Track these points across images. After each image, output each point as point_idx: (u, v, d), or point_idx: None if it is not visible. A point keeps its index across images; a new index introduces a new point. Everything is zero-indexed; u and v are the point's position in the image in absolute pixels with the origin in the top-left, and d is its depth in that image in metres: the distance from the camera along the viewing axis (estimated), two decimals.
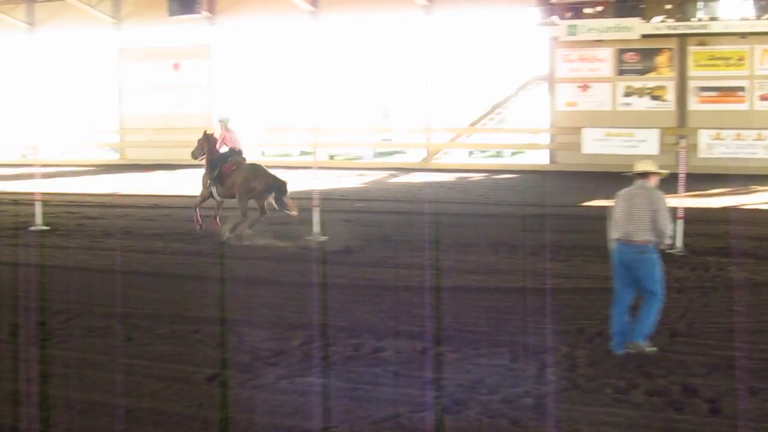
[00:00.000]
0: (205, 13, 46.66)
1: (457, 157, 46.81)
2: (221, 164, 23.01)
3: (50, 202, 28.16)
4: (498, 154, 48.34)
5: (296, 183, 35.53)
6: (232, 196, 22.61)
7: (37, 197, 24.96)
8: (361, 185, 36.27)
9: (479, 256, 19.32)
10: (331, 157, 48.21)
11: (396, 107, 52.64)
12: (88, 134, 52.69)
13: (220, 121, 24.17)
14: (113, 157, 51.78)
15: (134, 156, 49.66)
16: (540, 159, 43.87)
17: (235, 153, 23.27)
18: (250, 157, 24.68)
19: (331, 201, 27.92)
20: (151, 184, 36.81)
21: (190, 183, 36.90)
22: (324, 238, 21.40)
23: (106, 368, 11.60)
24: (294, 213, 21.91)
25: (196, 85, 48.29)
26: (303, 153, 49.93)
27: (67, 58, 52.69)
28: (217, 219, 22.88)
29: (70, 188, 35.27)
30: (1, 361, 12.09)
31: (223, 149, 23.40)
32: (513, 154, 48.41)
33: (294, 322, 13.74)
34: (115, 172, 44.19)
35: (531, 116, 46.59)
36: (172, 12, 45.47)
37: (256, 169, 22.46)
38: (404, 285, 16.36)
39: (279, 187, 22.00)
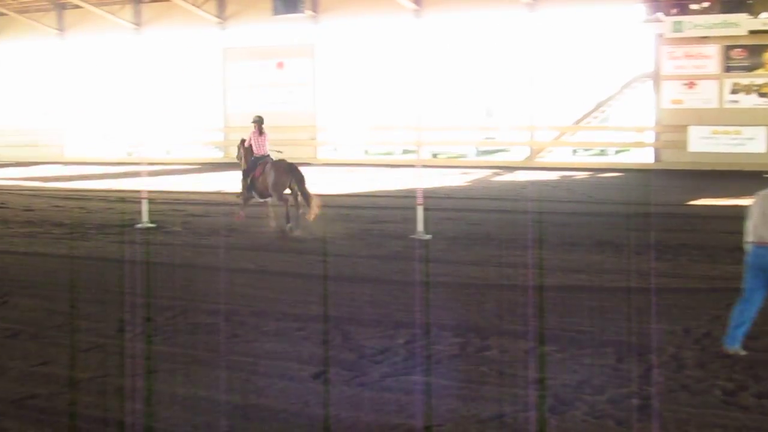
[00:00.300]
0: (308, 12, 46.89)
1: (560, 156, 46.47)
2: (252, 172, 24.27)
3: (156, 199, 28.55)
4: (602, 153, 47.88)
5: (399, 181, 35.71)
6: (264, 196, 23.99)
7: (143, 195, 25.32)
8: (465, 183, 36.20)
9: (583, 255, 19.15)
10: (435, 156, 48.17)
11: (499, 105, 52.40)
12: (193, 133, 53.34)
13: (254, 122, 24.85)
14: (217, 156, 52.30)
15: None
16: (645, 157, 43.39)
17: (261, 158, 24.36)
18: (354, 155, 24.79)
19: (435, 199, 27.90)
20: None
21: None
22: (428, 237, 21.39)
23: (212, 364, 11.70)
24: (312, 214, 22.68)
25: (299, 83, 48.57)
26: (406, 151, 49.98)
27: (173, 58, 53.32)
28: (241, 212, 24.66)
29: (176, 186, 35.70)
30: (109, 356, 12.25)
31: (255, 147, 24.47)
32: (617, 152, 47.93)
33: (398, 319, 13.73)
34: (219, 170, 44.63)
35: (635, 114, 46.09)
36: (276, 11, 45.77)
37: (278, 166, 23.64)
38: (508, 284, 16.26)
39: (299, 178, 23.16)
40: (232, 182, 37.45)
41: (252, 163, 24.46)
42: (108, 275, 17.94)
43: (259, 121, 24.70)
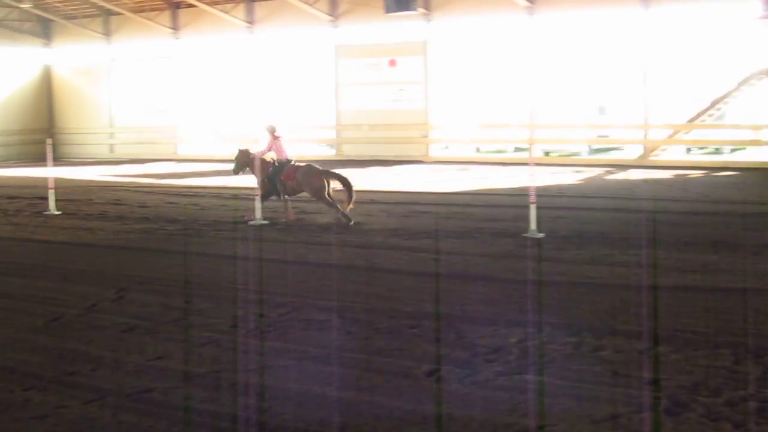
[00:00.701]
0: (420, 10, 46.87)
1: (674, 154, 45.84)
2: (278, 176, 25.66)
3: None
4: (717, 151, 47.12)
5: (511, 179, 35.57)
6: (297, 193, 25.88)
7: (256, 192, 25.55)
8: (577, 182, 35.91)
9: (698, 254, 18.86)
10: (547, 154, 47.88)
11: (612, 103, 51.87)
12: (305, 130, 53.69)
13: (267, 129, 26.03)
14: (329, 153, 52.58)
15: (350, 152, 50.33)
16: (761, 156, 42.61)
17: (285, 163, 25.91)
18: (466, 153, 24.76)
19: (548, 198, 27.73)
20: (367, 180, 37.18)
21: (406, 179, 37.23)
22: (540, 235, 21.26)
23: (325, 361, 11.75)
24: (351, 204, 24.64)
25: (411, 81, 48.58)
26: (518, 149, 49.74)
27: (285, 56, 53.67)
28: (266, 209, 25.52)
29: None
30: (223, 351, 12.38)
31: (271, 155, 25.91)
32: (733, 150, 47.13)
33: (511, 318, 13.65)
34: (332, 168, 44.78)
35: (752, 112, 45.26)
36: (388, 9, 45.82)
37: (313, 170, 25.48)
38: (622, 283, 16.09)
39: (341, 178, 25.12)
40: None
41: (278, 168, 25.81)
42: (221, 271, 18.15)
43: (272, 129, 25.93)
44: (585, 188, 33.28)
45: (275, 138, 26.07)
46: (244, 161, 26.47)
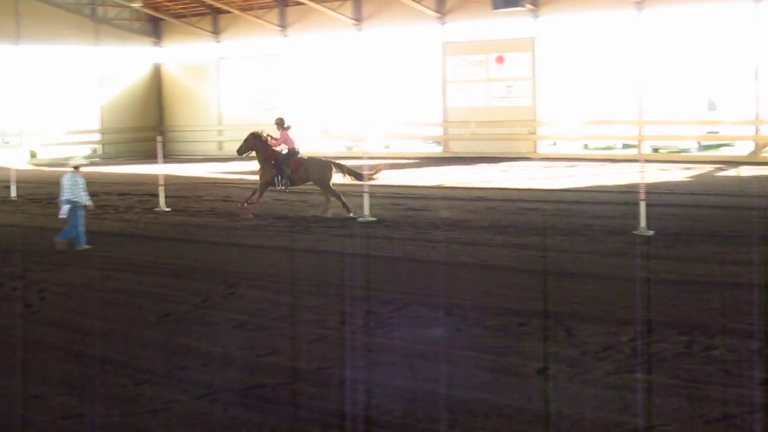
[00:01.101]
0: (528, 6, 46.67)
1: None
2: (287, 163, 26.95)
3: (376, 193, 28.84)
4: None
5: (620, 176, 35.24)
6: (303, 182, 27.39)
7: (365, 189, 25.64)
8: (687, 179, 35.45)
9: None
10: (655, 150, 47.34)
11: (722, 99, 51.11)
12: (412, 127, 53.73)
13: (277, 123, 27.60)
14: (436, 150, 52.57)
15: (458, 149, 50.28)
16: None
17: (295, 152, 27.27)
18: (574, 150, 24.58)
19: (657, 195, 27.43)
20: (474, 177, 37.15)
21: (513, 176, 37.07)
22: (650, 233, 21.02)
23: (434, 358, 11.75)
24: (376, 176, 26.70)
25: (519, 77, 48.37)
26: (626, 146, 49.29)
27: (392, 53, 53.76)
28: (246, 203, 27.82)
29: (396, 180, 36.01)
30: (331, 348, 12.45)
31: (281, 148, 27.34)
32: None
33: (621, 317, 13.51)
34: (438, 165, 44.86)
35: None
36: (496, 5, 45.65)
37: (321, 161, 27.30)
38: (733, 281, 15.85)
39: (348, 169, 26.70)
40: (451, 176, 37.67)
41: (287, 155, 27.18)
42: (329, 268, 18.27)
43: (281, 122, 27.49)
44: (695, 185, 32.85)
45: (284, 130, 27.37)
46: (251, 144, 27.79)
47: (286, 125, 27.31)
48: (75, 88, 58.20)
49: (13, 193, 33.87)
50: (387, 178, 34.72)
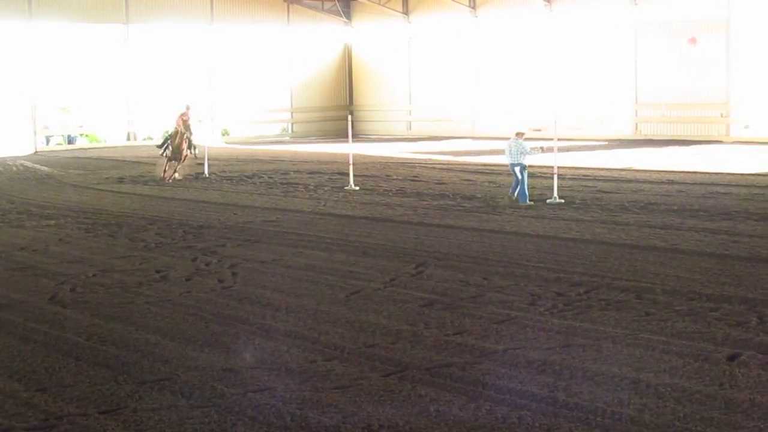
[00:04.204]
0: None
1: None
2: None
3: (565, 175, 28.70)
4: None
5: None
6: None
7: (554, 171, 25.51)
8: None
9: None
10: None
11: None
12: (601, 109, 53.08)
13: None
14: (627, 132, 51.86)
15: (648, 131, 49.54)
16: None
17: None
18: None
19: None
20: (665, 160, 36.57)
21: (704, 159, 36.38)
22: None
23: (624, 342, 11.66)
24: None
25: (711, 60, 47.33)
26: None
27: (584, 34, 53.13)
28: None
29: (585, 162, 35.73)
30: (521, 329, 12.46)
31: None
32: None
33: None
34: (629, 147, 44.30)
35: None
36: None
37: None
38: None
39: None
40: (641, 158, 37.15)
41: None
42: (518, 249, 18.26)
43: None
44: None
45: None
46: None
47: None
48: (267, 67, 59.14)
49: (206, 170, 34.71)
50: (575, 160, 34.55)
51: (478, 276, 15.72)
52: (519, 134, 24.90)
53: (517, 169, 24.65)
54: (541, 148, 25.61)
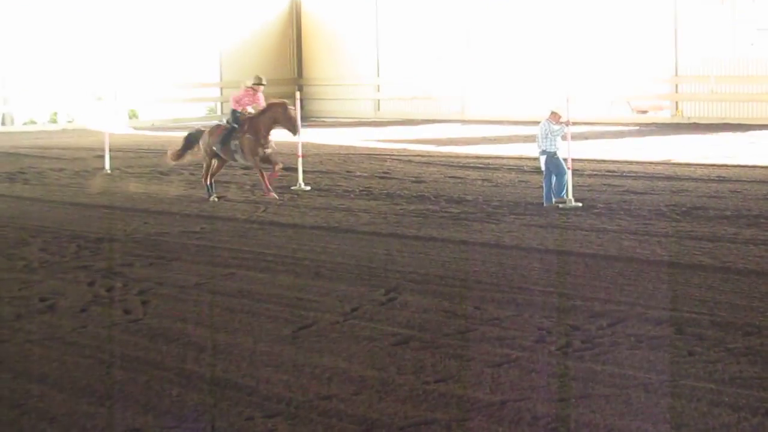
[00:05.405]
0: None
1: None
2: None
3: (583, 171, 28.73)
4: None
5: None
6: None
7: (568, 165, 25.51)
8: None
9: None
10: None
11: None
12: (631, 85, 53.07)
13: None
14: (664, 115, 52.05)
15: (692, 112, 49.69)
16: None
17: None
18: None
19: None
20: (715, 150, 36.71)
21: (760, 149, 36.54)
22: None
23: (661, 391, 11.65)
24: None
25: None
26: None
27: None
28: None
29: (609, 154, 35.80)
30: (524, 374, 12.44)
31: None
32: None
33: None
34: (667, 133, 44.46)
35: None
36: None
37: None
38: None
39: None
40: (683, 148, 37.29)
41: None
42: (521, 268, 18.26)
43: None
44: None
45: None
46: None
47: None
48: (189, 29, 59.01)
49: (107, 165, 34.53)
50: (598, 150, 34.62)
51: (468, 304, 15.70)
52: (554, 115, 25.33)
53: (543, 159, 25.18)
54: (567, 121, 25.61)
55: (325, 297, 16.53)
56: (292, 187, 29.13)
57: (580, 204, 24.58)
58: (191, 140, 28.93)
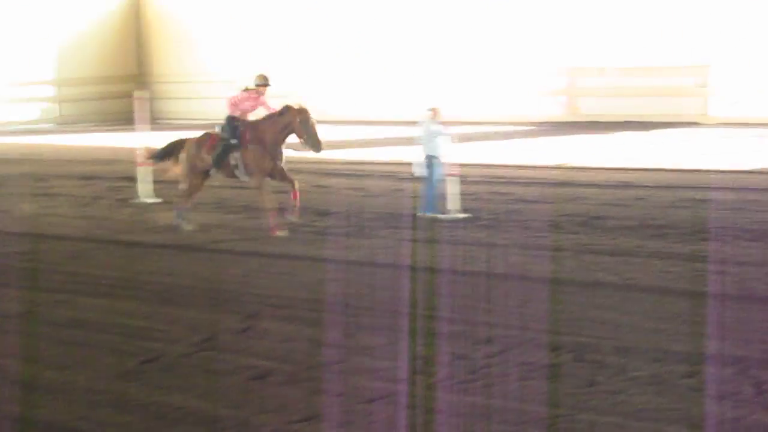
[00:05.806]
0: None
1: None
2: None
3: (468, 177, 28.79)
4: None
5: None
6: None
7: (453, 172, 25.57)
8: None
9: None
10: None
11: None
12: (513, 78, 53.32)
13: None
14: (556, 113, 52.33)
15: (588, 109, 50.07)
16: None
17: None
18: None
19: None
20: (614, 152, 37.06)
21: (674, 151, 37.08)
22: None
23: (557, 427, 11.70)
24: None
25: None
26: None
27: None
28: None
29: (496, 157, 36.01)
30: (398, 410, 12.41)
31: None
32: None
33: None
34: (561, 134, 44.82)
35: None
36: None
37: None
38: None
39: None
40: (582, 150, 37.64)
41: None
42: (397, 289, 18.25)
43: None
44: None
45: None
46: None
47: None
48: (18, 19, 58.64)
49: None
50: (484, 154, 34.80)
51: (336, 331, 15.65)
52: (433, 111, 25.52)
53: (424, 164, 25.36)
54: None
55: (172, 325, 16.49)
56: (134, 200, 28.99)
57: (466, 214, 24.65)
58: (172, 149, 27.03)
